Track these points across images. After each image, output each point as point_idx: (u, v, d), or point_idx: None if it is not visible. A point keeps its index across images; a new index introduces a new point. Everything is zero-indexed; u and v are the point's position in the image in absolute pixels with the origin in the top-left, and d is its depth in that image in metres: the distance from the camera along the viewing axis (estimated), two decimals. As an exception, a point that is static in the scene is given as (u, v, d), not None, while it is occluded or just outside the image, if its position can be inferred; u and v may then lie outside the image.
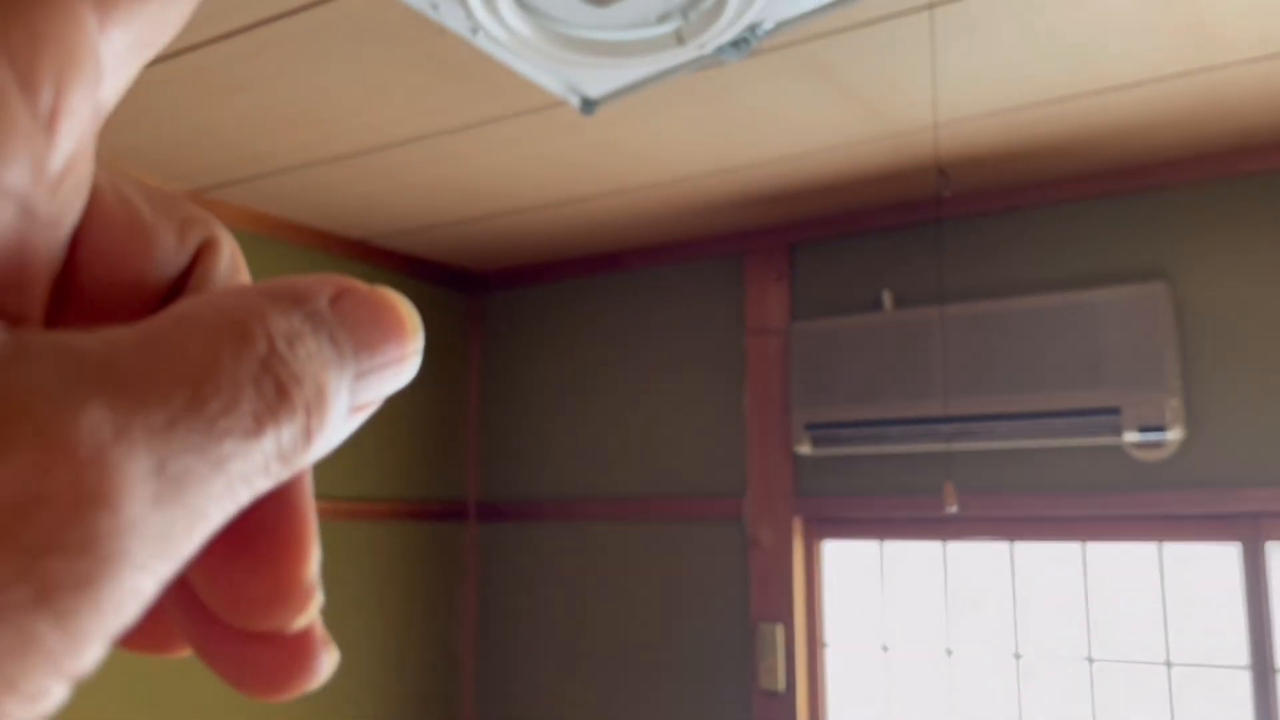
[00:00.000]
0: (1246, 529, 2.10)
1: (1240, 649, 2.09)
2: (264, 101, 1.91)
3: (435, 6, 1.36)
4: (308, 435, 0.16)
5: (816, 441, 2.41)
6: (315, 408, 0.16)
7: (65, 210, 0.15)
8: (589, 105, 1.60)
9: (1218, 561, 2.15)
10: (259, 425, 0.15)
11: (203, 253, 0.19)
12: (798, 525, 2.56)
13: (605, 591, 2.82)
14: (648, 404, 2.83)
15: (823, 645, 2.54)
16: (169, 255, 0.18)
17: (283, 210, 2.53)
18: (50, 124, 0.14)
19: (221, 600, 0.18)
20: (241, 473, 0.15)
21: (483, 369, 3.16)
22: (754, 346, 2.67)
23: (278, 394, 0.16)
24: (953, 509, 1.87)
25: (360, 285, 0.19)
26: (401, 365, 0.18)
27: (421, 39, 1.67)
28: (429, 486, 2.96)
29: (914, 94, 1.87)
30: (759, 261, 2.70)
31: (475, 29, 1.41)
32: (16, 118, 0.13)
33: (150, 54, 0.16)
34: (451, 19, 1.40)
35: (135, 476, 0.13)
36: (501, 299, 3.16)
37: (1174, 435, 2.06)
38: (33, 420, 0.13)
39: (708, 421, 2.73)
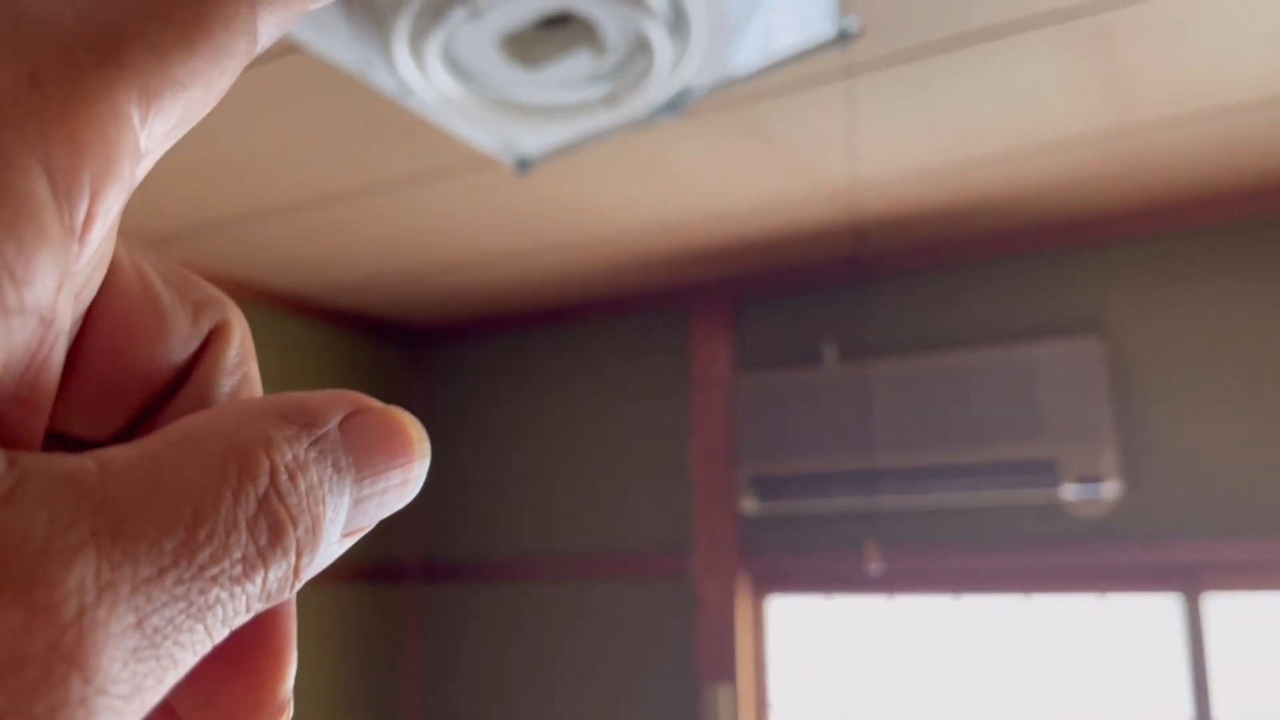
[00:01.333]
0: (1186, 580, 2.11)
1: (1183, 702, 2.10)
2: (194, 155, 1.89)
3: (366, 69, 1.35)
4: (296, 574, 0.16)
5: (761, 495, 2.40)
6: (307, 544, 0.16)
7: (84, 306, 0.15)
8: (524, 165, 1.60)
9: (1157, 614, 2.16)
10: (248, 571, 0.15)
11: (213, 337, 0.19)
12: (744, 581, 2.54)
13: (552, 652, 2.77)
14: (594, 459, 2.81)
15: (769, 707, 2.51)
16: (182, 338, 0.18)
17: (218, 264, 2.49)
18: (84, 233, 0.14)
19: (194, 710, 0.17)
20: (222, 616, 0.15)
21: (429, 422, 3.12)
22: (700, 401, 2.66)
23: (271, 535, 0.15)
24: (876, 567, 1.86)
25: (373, 405, 0.18)
26: (404, 489, 0.18)
27: (355, 96, 1.66)
28: (368, 546, 2.90)
29: (836, 155, 1.89)
30: (704, 316, 2.70)
31: (407, 92, 1.40)
32: (49, 231, 0.13)
33: (184, 131, 0.16)
34: (383, 82, 1.39)
35: (114, 636, 0.13)
36: (446, 353, 3.13)
37: (1111, 487, 2.07)
38: (19, 572, 0.12)
39: (653, 476, 2.71)
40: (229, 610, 0.15)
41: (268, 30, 0.16)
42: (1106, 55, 1.55)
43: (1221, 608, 2.09)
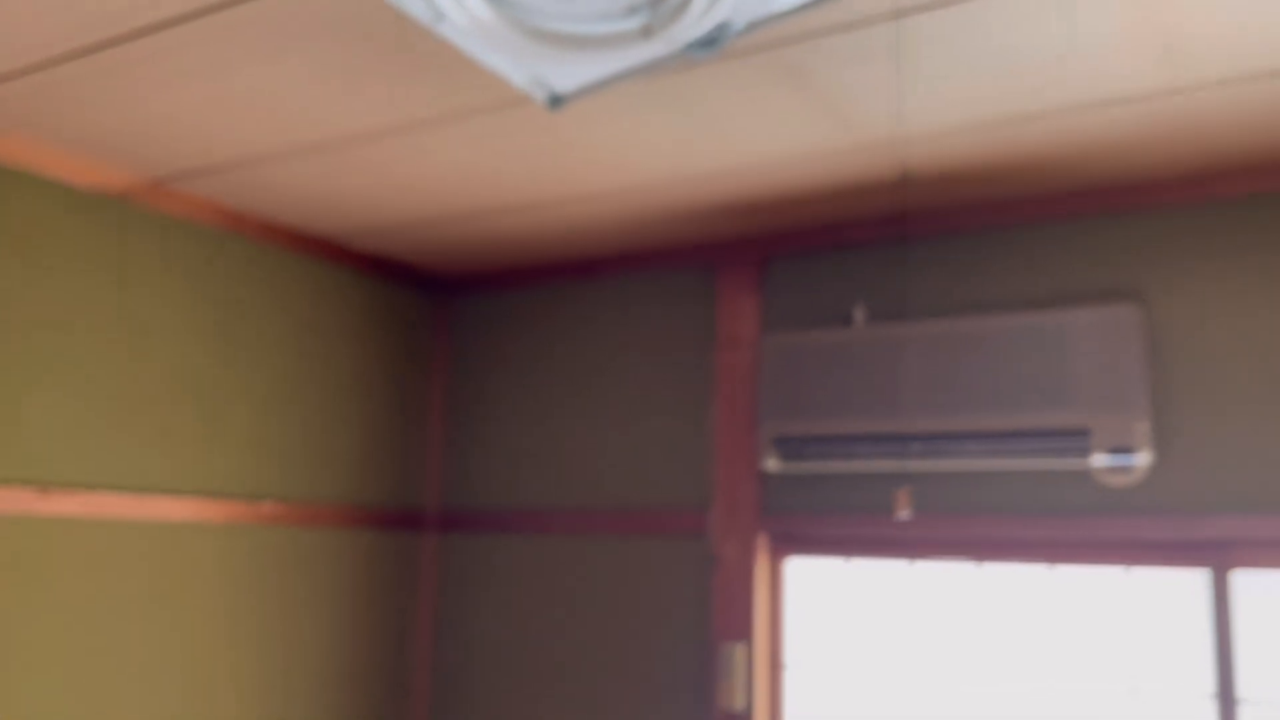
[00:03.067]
0: (1213, 555, 2.07)
1: (1206, 678, 2.06)
2: (221, 90, 1.86)
3: (397, -9, 1.32)
4: None
5: (784, 455, 2.38)
6: None
7: None
8: (556, 101, 1.56)
9: (1183, 588, 2.12)
10: None
11: None
12: (762, 542, 2.52)
13: (565, 606, 2.76)
14: (614, 414, 2.79)
15: (783, 667, 2.49)
16: None
17: (245, 204, 2.48)
18: None
19: None
20: None
21: (447, 374, 3.10)
22: (723, 359, 2.63)
23: None
24: (905, 515, 1.83)
25: None
26: None
27: (385, 29, 1.63)
28: (387, 493, 2.90)
29: (881, 105, 1.85)
30: (731, 273, 2.66)
31: (438, 17, 1.36)
32: None
33: None
34: (413, 6, 1.35)
35: None
36: (469, 303, 3.11)
37: (1143, 459, 2.03)
38: None
39: (674, 434, 2.69)
40: None
41: None
42: (1163, 9, 1.50)
43: (1249, 584, 2.05)
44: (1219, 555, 2.07)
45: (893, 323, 2.34)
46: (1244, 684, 2.02)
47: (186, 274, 2.43)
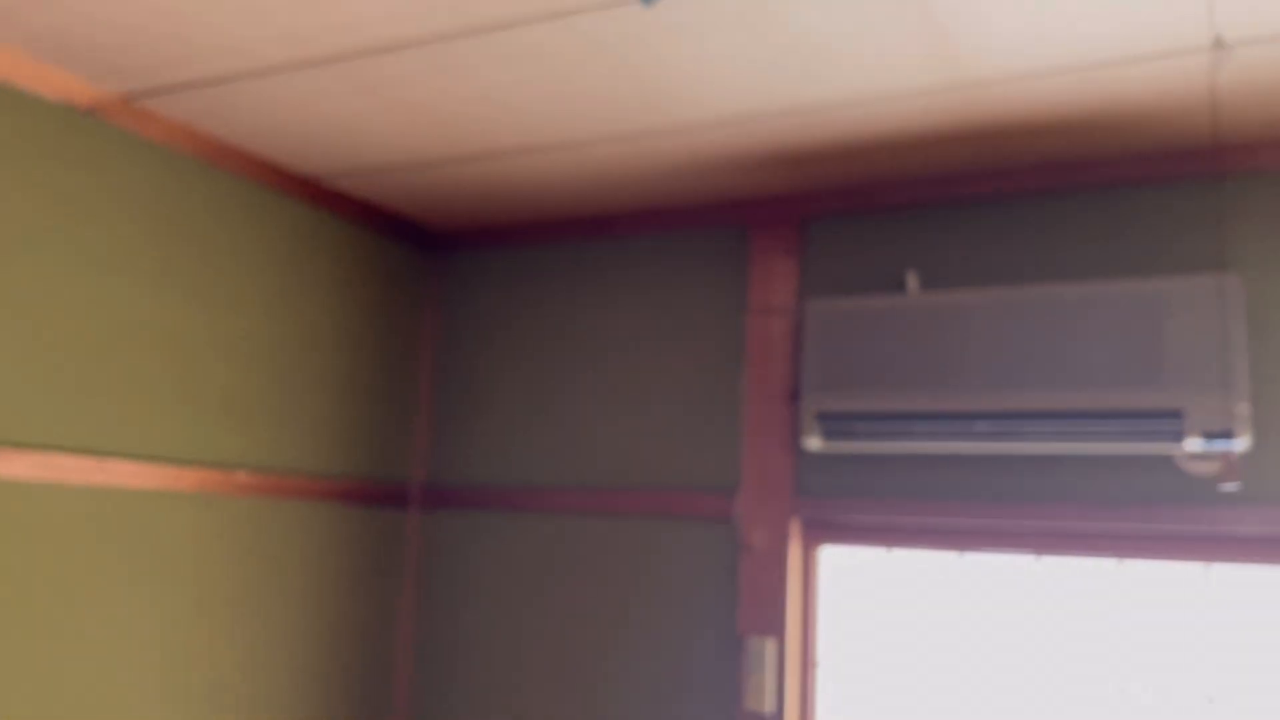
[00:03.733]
0: (1309, 553, 1.90)
1: (1294, 686, 1.89)
2: (227, -22, 1.57)
3: None
4: None
5: (829, 434, 2.15)
6: None
7: None
8: (647, -6, 1.31)
9: (1270, 589, 1.95)
10: None
11: None
12: (795, 528, 2.29)
13: (568, 593, 2.51)
14: (628, 385, 2.54)
15: (815, 665, 2.27)
16: None
17: (227, 131, 2.17)
18: None
19: None
20: None
21: (439, 336, 2.82)
22: (755, 326, 2.40)
23: None
24: (1231, 487, 1.64)
25: None
26: None
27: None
28: (370, 465, 2.62)
29: (995, 33, 1.62)
30: (766, 233, 2.43)
31: None
32: None
33: None
34: None
35: None
36: (466, 259, 2.83)
37: (1241, 444, 1.84)
38: None
39: (697, 408, 2.45)
40: None
41: None
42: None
43: (1346, 585, 1.88)
44: (1315, 552, 1.89)
45: (955, 290, 2.13)
46: (1340, 693, 1.85)
47: (158, 208, 2.12)
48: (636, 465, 2.49)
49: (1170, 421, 1.87)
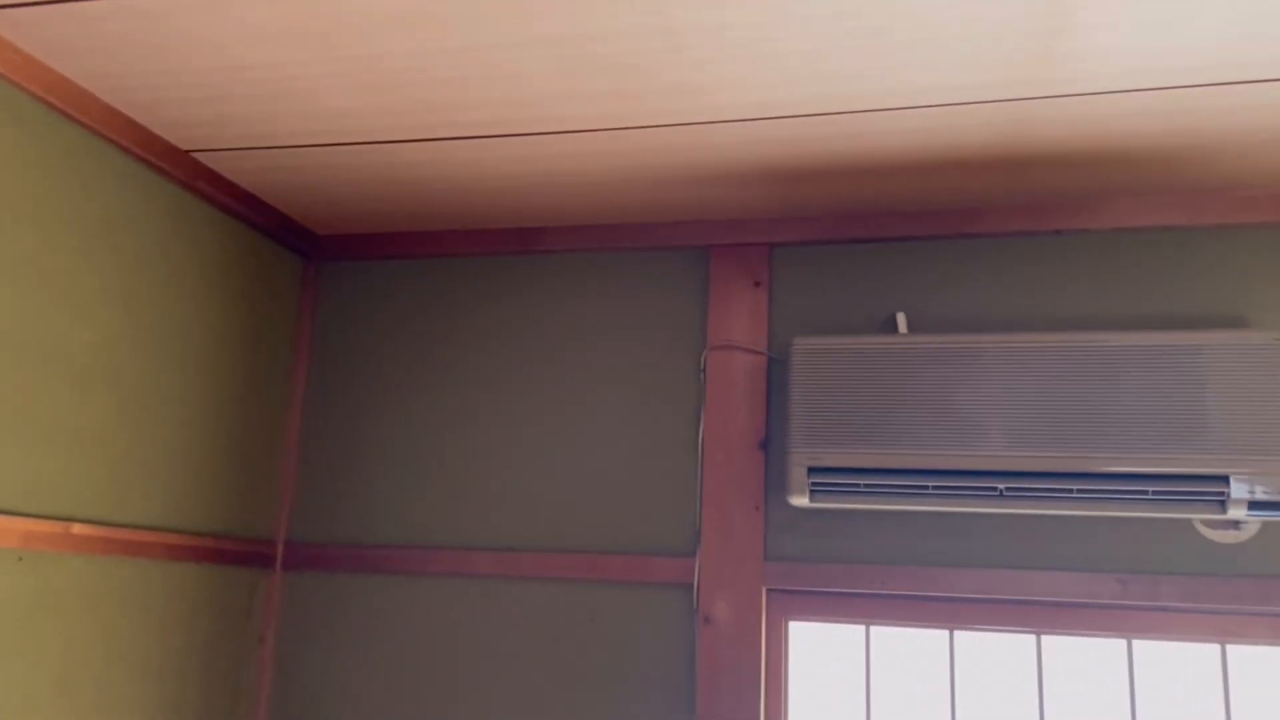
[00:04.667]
0: (1339, 633, 1.77)
1: (1321, 777, 1.75)
2: None
3: None
4: None
5: (821, 491, 1.86)
6: None
7: None
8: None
9: (1291, 669, 1.81)
10: None
11: None
12: (764, 598, 1.98)
13: (478, 676, 2.08)
14: (558, 428, 2.16)
15: (785, 758, 1.96)
16: None
17: (83, 70, 1.65)
18: None
19: None
20: None
21: (313, 362, 2.33)
22: (716, 364, 2.09)
23: None
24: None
25: None
26: None
27: None
28: (227, 516, 2.09)
29: (1052, 45, 1.40)
30: (731, 259, 2.13)
31: None
32: None
33: None
34: None
35: None
36: (347, 270, 2.36)
37: (1288, 515, 1.70)
38: None
39: (646, 456, 2.10)
40: None
41: None
42: None
43: (1370, 667, 1.77)
44: (1344, 632, 1.77)
45: (964, 332, 1.91)
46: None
47: (-15, 165, 1.57)
48: (570, 522, 2.10)
49: (1213, 487, 1.71)
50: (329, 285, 2.36)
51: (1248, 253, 1.90)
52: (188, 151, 1.94)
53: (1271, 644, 1.80)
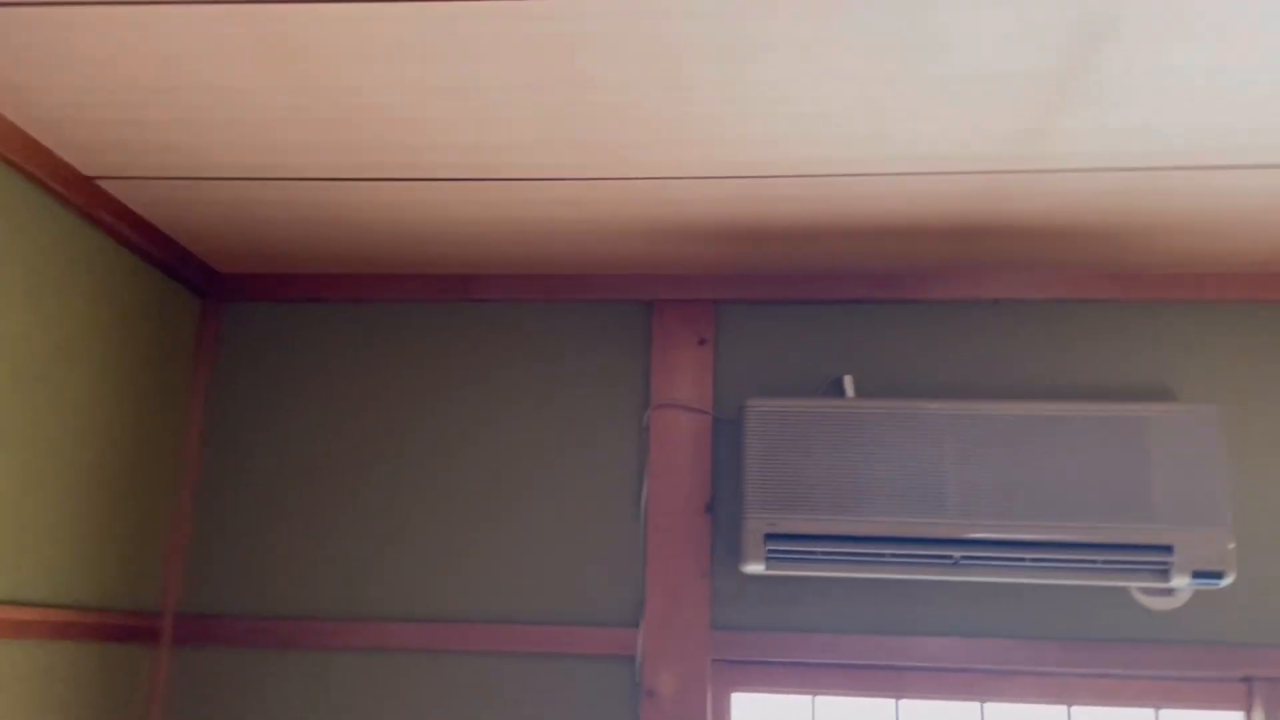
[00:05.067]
0: (1266, 695, 1.84)
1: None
2: None
3: None
4: None
5: (777, 558, 1.81)
6: None
7: None
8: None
9: (1219, 732, 1.88)
10: None
11: None
12: (710, 669, 1.91)
13: (399, 759, 1.91)
14: (489, 488, 2.03)
15: (731, 838, 1.88)
16: None
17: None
18: None
19: None
20: None
21: (211, 413, 2.12)
22: (660, 426, 2.01)
23: None
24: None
25: None
26: None
27: None
28: (105, 590, 1.86)
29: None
30: (675, 315, 2.07)
31: None
32: None
33: None
34: None
35: None
36: (252, 312, 2.17)
37: (1228, 581, 1.76)
38: None
39: (584, 520, 2.00)
40: None
41: None
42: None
43: (1291, 728, 1.85)
44: (1272, 695, 1.84)
45: (915, 398, 1.90)
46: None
47: None
48: (501, 591, 1.97)
49: (1159, 556, 1.75)
50: (231, 328, 2.16)
51: (1176, 328, 1.98)
52: (91, 178, 1.73)
53: (1204, 709, 1.86)
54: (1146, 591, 1.89)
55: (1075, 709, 1.90)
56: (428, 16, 1.24)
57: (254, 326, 2.15)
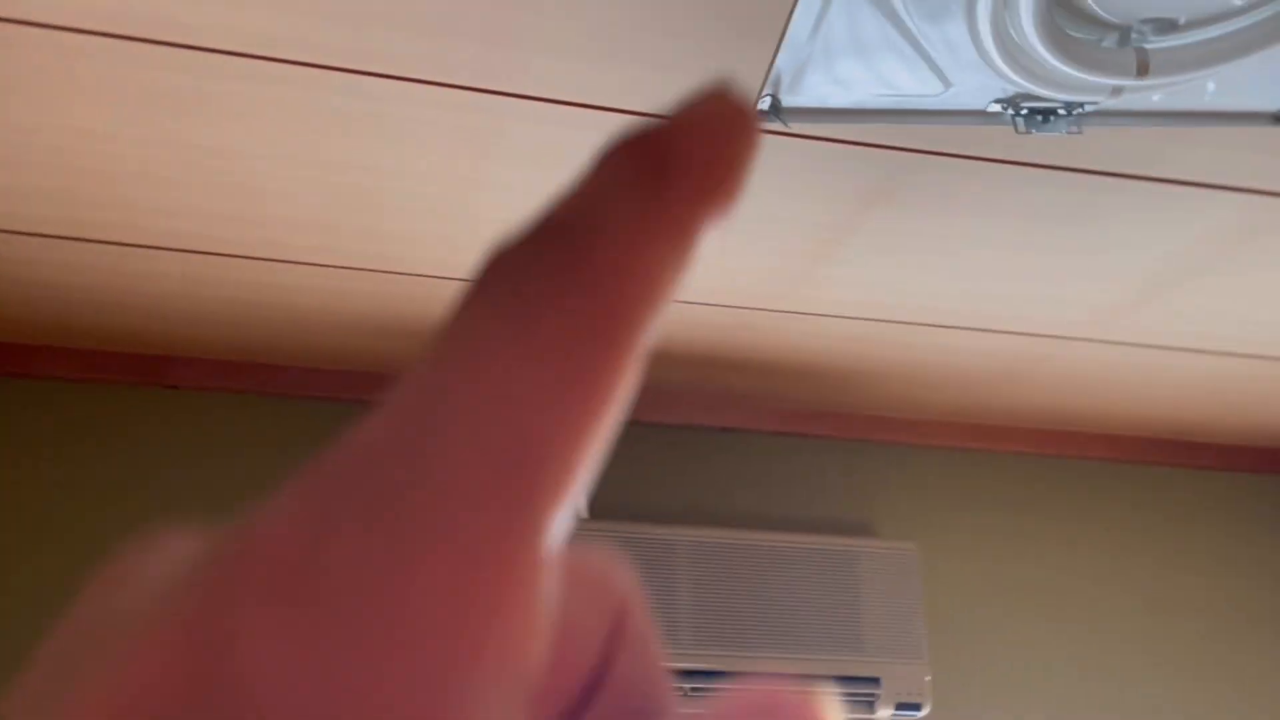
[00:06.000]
0: (950, 824, 1.95)
1: None
2: None
3: None
4: None
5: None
6: None
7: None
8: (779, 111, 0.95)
9: None
10: None
11: (614, 643, 0.17)
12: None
13: None
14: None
15: None
16: (588, 655, 0.16)
17: None
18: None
19: None
20: None
21: None
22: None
23: None
24: None
25: None
26: None
27: None
28: None
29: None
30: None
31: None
32: None
33: None
34: None
35: None
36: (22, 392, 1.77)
37: (925, 713, 1.87)
38: None
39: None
40: None
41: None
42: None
43: None
44: (951, 822, 1.95)
45: (648, 521, 1.89)
46: None
47: None
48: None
49: (868, 688, 1.83)
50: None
51: (877, 467, 2.13)
52: None
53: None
54: (857, 727, 1.96)
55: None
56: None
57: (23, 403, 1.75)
